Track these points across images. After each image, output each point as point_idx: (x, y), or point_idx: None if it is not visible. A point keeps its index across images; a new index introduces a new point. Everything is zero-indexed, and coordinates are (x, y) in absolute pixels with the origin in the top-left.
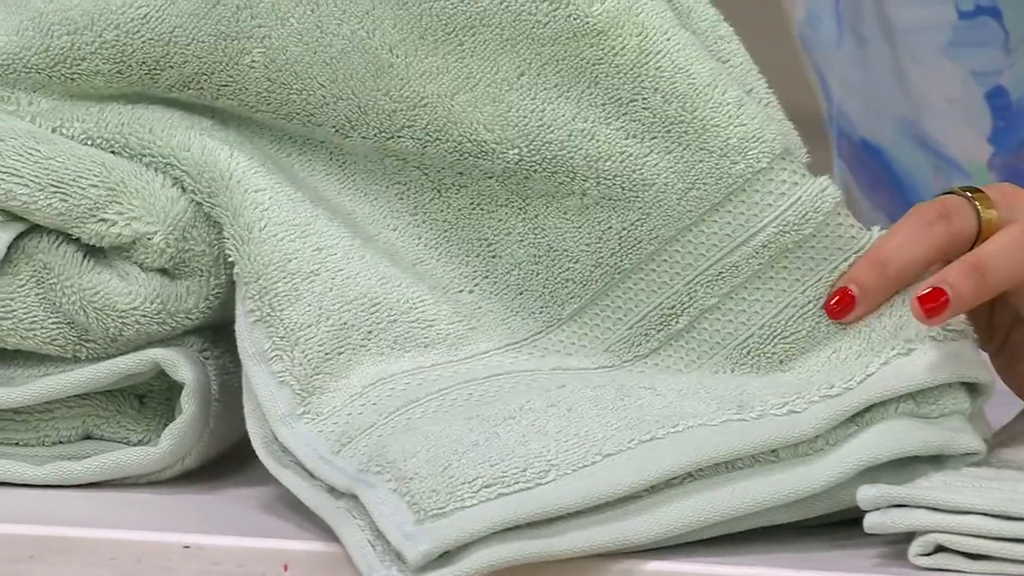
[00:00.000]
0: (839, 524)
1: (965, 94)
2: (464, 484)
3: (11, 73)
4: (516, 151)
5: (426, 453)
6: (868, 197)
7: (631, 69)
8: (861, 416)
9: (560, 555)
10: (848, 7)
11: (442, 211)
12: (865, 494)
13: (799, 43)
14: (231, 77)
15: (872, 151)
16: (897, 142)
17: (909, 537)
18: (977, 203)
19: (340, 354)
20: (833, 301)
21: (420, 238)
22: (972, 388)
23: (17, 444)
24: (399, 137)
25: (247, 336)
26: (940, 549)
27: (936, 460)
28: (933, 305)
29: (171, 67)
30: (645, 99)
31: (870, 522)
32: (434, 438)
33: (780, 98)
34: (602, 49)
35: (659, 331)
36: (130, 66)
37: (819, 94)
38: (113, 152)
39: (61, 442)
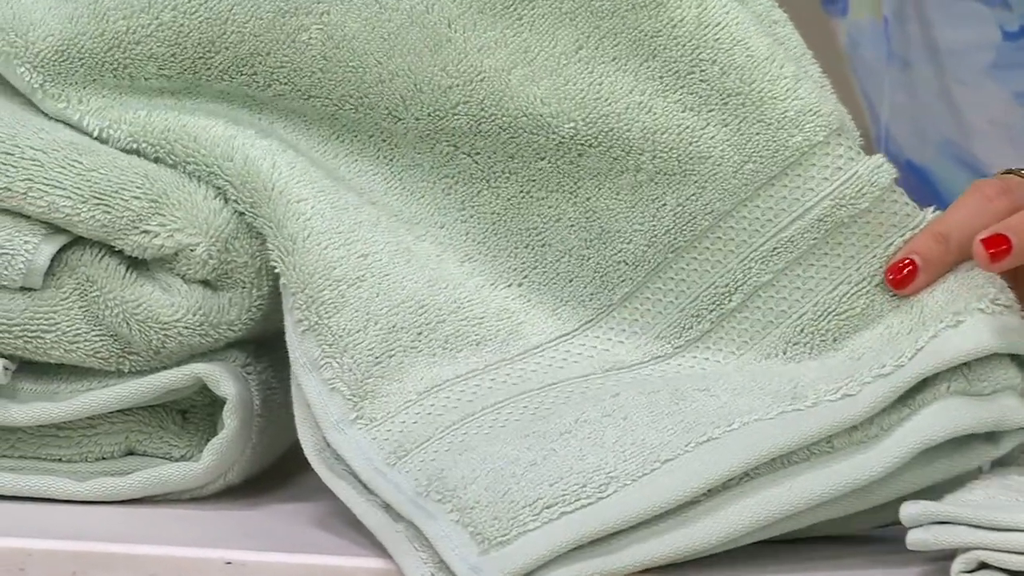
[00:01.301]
0: (880, 540)
1: (1008, 115)
2: (525, 508)
3: (64, 61)
4: (572, 124)
5: (485, 478)
6: None
7: (689, 40)
8: (913, 399)
9: (623, 571)
10: (896, 29)
11: (491, 202)
12: (907, 511)
13: (848, 63)
14: (287, 57)
15: (917, 172)
16: (941, 163)
17: (952, 554)
18: None
19: (390, 357)
20: (894, 272)
21: (467, 234)
22: (1022, 364)
23: (60, 460)
24: (454, 114)
25: (298, 346)
26: (983, 566)
27: (991, 437)
28: (996, 250)
29: (226, 48)
30: (703, 71)
31: (913, 538)
32: (492, 460)
33: None
34: (660, 20)
35: (711, 311)
36: (184, 48)
37: (867, 115)
38: (158, 159)
39: (104, 458)
